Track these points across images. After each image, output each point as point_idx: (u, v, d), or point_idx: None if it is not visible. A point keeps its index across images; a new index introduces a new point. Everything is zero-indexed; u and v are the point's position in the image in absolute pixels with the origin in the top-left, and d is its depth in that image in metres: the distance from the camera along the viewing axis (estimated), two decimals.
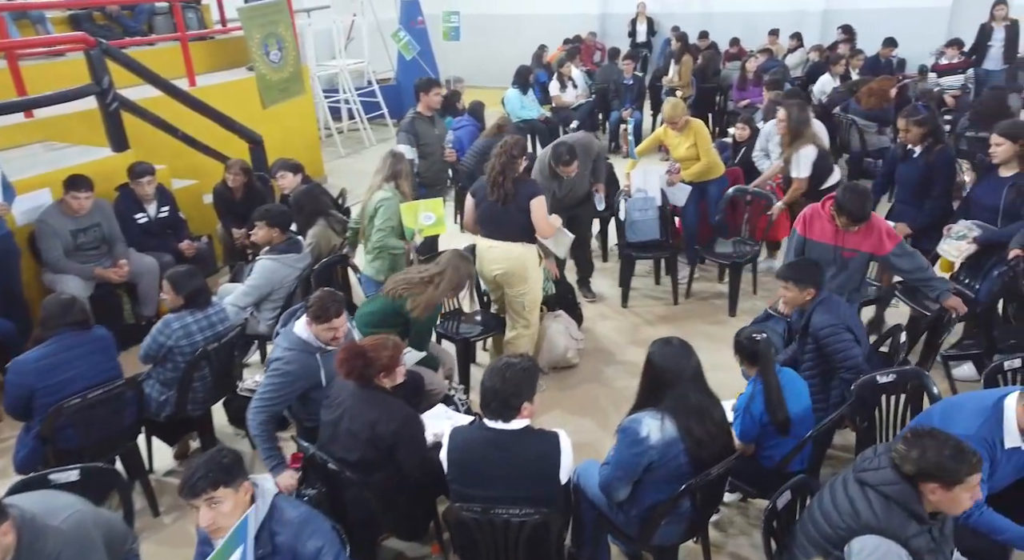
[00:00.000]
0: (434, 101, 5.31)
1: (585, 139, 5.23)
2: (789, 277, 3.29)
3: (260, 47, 7.59)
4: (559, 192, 5.05)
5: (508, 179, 3.99)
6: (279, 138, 8.03)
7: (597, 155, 5.30)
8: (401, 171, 4.19)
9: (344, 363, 2.67)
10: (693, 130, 5.40)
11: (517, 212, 4.02)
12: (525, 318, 4.22)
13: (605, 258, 6.24)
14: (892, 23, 10.79)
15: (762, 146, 5.73)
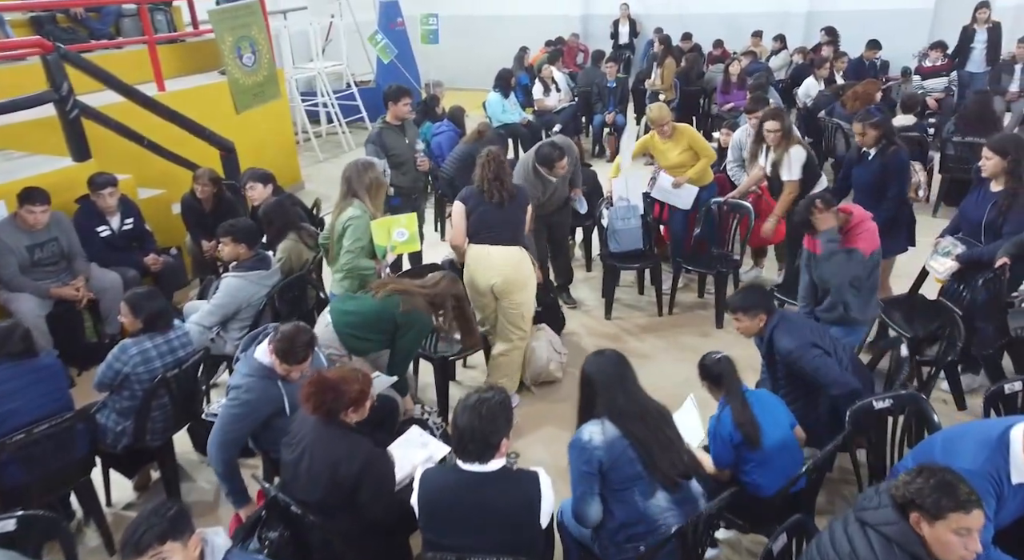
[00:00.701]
0: (402, 111, 5.11)
1: (564, 142, 5.09)
2: (736, 308, 3.21)
3: (232, 50, 7.37)
4: (542, 196, 4.94)
5: (507, 181, 4.00)
6: (254, 144, 7.81)
7: (575, 160, 5.15)
8: (365, 183, 3.95)
9: (310, 398, 2.49)
10: (683, 135, 5.25)
11: (519, 213, 4.05)
12: (522, 329, 4.10)
13: (589, 267, 6.08)
14: (875, 25, 10.74)
15: (736, 156, 5.56)
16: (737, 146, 5.52)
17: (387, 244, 3.92)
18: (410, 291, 3.41)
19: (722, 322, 5.05)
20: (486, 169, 4.02)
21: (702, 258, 5.28)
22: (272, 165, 8.17)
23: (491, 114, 8.75)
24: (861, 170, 4.56)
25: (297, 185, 8.60)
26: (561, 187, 5.01)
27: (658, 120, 5.22)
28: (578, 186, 5.18)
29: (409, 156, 5.20)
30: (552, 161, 4.62)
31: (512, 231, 4.01)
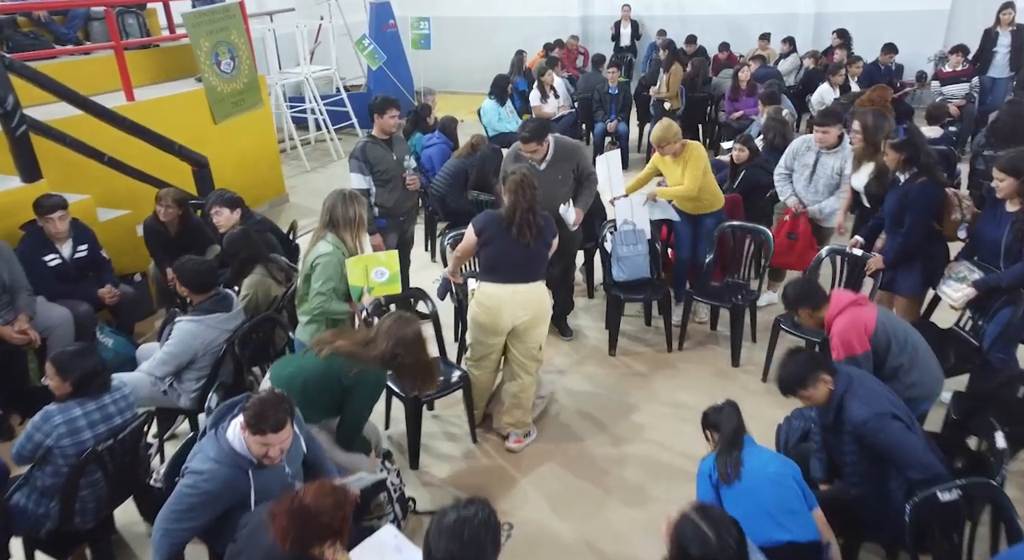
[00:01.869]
0: (389, 124, 4.65)
1: (572, 144, 4.61)
2: (793, 383, 2.71)
3: (209, 57, 6.89)
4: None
5: (536, 214, 3.60)
6: (234, 155, 7.35)
7: (587, 175, 4.65)
8: (349, 218, 3.47)
9: (280, 523, 2.01)
10: (689, 155, 4.77)
11: (544, 249, 3.71)
12: (538, 360, 3.85)
13: (590, 294, 5.61)
14: (888, 27, 10.30)
15: (787, 164, 4.97)
16: (791, 154, 4.96)
17: (364, 285, 3.45)
18: (354, 354, 2.91)
19: (738, 360, 4.58)
20: (519, 196, 3.54)
21: (715, 289, 4.80)
22: (254, 177, 7.77)
23: (487, 123, 8.28)
24: (889, 195, 4.08)
25: (281, 198, 8.13)
26: (559, 192, 4.52)
27: (662, 140, 4.74)
28: (583, 206, 4.65)
29: (397, 173, 4.72)
30: (522, 138, 4.30)
31: (537, 269, 3.70)
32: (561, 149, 4.50)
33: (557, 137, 4.55)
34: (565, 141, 4.59)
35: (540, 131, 4.34)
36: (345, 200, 3.49)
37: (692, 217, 4.90)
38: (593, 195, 4.77)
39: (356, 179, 4.62)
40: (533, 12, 12.68)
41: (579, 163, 4.56)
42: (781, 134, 5.69)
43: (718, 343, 4.88)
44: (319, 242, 3.45)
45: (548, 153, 4.44)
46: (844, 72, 7.91)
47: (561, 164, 4.50)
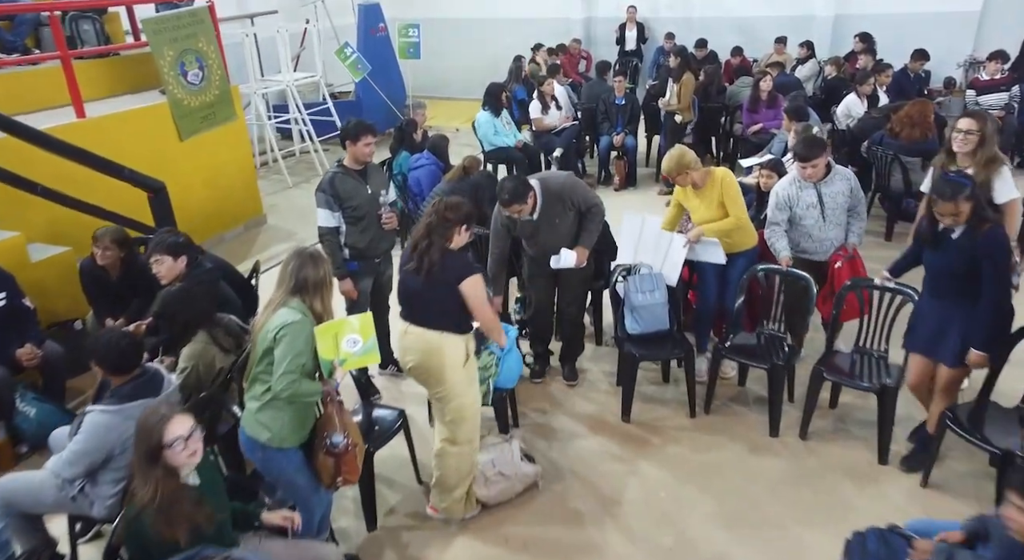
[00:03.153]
0: (363, 153, 3.97)
1: (558, 184, 3.96)
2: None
3: (174, 67, 6.22)
4: (528, 245, 4.16)
5: (435, 247, 3.05)
6: (205, 175, 6.68)
7: (588, 208, 4.02)
8: (318, 281, 2.81)
9: None
10: (715, 184, 4.09)
11: (443, 292, 3.07)
12: (450, 437, 3.22)
13: (599, 340, 4.93)
14: (912, 30, 9.63)
15: (781, 218, 4.19)
16: (783, 203, 4.18)
17: (335, 357, 2.77)
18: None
19: (778, 429, 3.89)
20: (424, 219, 3.18)
21: (748, 345, 4.10)
22: (228, 198, 7.09)
23: (482, 136, 7.60)
24: (942, 254, 3.27)
25: (258, 219, 7.45)
26: (559, 235, 4.00)
27: (671, 172, 4.07)
28: (587, 245, 4.05)
29: (371, 209, 4.04)
30: (502, 201, 3.80)
31: (430, 312, 3.11)
32: (548, 194, 3.95)
33: (542, 182, 3.96)
34: (550, 183, 3.98)
35: (519, 192, 3.79)
36: (309, 261, 2.82)
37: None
38: (598, 230, 4.11)
39: (323, 216, 3.94)
40: (533, 14, 11.99)
41: (572, 199, 3.97)
42: None
43: (749, 405, 4.19)
44: (282, 309, 2.77)
45: (537, 204, 3.91)
46: (872, 81, 7.22)
47: (554, 207, 3.96)
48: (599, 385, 4.46)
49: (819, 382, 3.76)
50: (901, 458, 3.61)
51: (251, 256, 6.72)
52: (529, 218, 3.93)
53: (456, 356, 3.13)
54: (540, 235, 4.04)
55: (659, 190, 7.75)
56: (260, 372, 2.77)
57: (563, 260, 3.99)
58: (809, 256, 4.20)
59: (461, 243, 3.20)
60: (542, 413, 4.23)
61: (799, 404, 3.99)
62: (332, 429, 2.70)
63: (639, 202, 7.54)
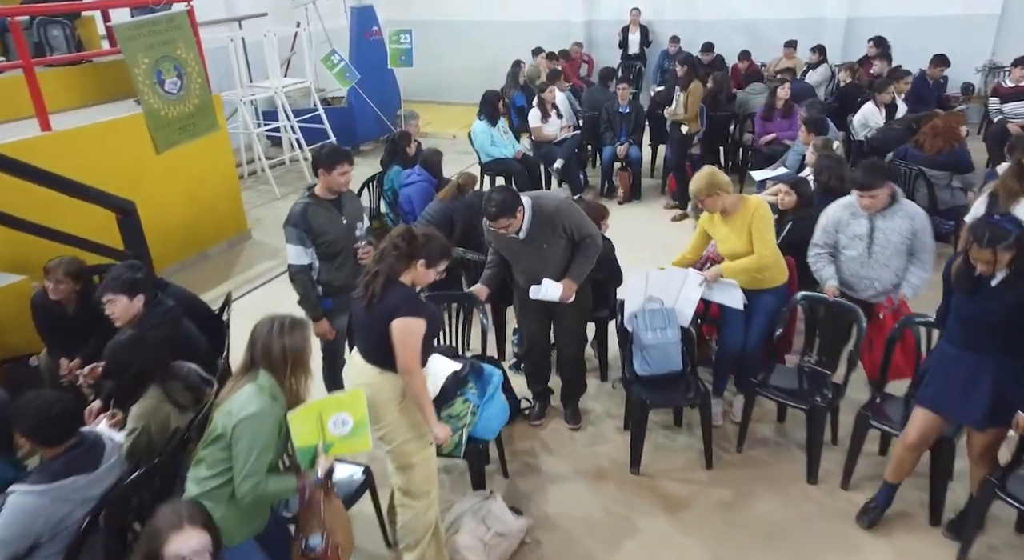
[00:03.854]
0: (338, 183, 3.57)
1: (552, 206, 3.55)
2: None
3: (150, 75, 5.84)
4: (514, 271, 3.78)
5: (380, 277, 2.71)
6: (184, 189, 6.30)
7: (582, 238, 3.58)
8: (294, 353, 2.43)
9: None
10: (746, 211, 3.68)
11: (380, 326, 2.69)
12: (400, 478, 2.89)
13: (604, 375, 4.54)
14: (928, 33, 9.25)
15: (827, 240, 3.79)
16: (831, 226, 3.79)
17: (318, 442, 2.39)
18: None
19: (816, 476, 3.51)
20: (380, 248, 2.79)
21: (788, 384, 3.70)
22: (210, 213, 6.69)
23: (478, 147, 7.21)
24: (978, 302, 2.87)
25: (242, 234, 7.06)
26: (548, 256, 3.59)
27: (700, 193, 3.66)
28: (577, 278, 3.62)
29: (347, 243, 3.66)
30: (487, 213, 3.41)
31: (368, 345, 2.81)
32: (540, 214, 3.53)
33: (534, 200, 3.56)
34: (544, 203, 3.56)
35: (507, 205, 3.39)
36: (279, 330, 2.44)
37: (748, 293, 3.80)
38: (591, 262, 3.67)
39: (294, 253, 3.56)
40: (533, 16, 11.59)
41: (564, 224, 3.54)
42: (838, 175, 4.59)
43: (775, 449, 3.80)
44: (248, 385, 2.39)
45: (524, 222, 3.50)
46: (891, 89, 6.83)
47: (543, 231, 3.54)
48: (604, 428, 4.07)
49: (864, 429, 3.38)
50: (948, 522, 3.21)
51: (233, 275, 6.35)
52: (515, 237, 3.53)
53: (389, 397, 2.76)
54: (524, 259, 3.63)
55: (665, 204, 7.36)
56: (207, 455, 2.39)
57: (544, 291, 3.56)
58: (844, 290, 3.80)
59: (424, 280, 2.83)
60: (539, 459, 3.84)
61: (843, 446, 3.59)
62: (309, 530, 2.32)
63: (644, 216, 7.16)
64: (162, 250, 6.09)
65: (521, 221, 3.48)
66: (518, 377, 4.39)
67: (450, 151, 10.15)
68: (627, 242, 4.57)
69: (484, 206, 3.43)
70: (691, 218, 7.12)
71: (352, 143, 9.91)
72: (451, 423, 3.13)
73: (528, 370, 4.16)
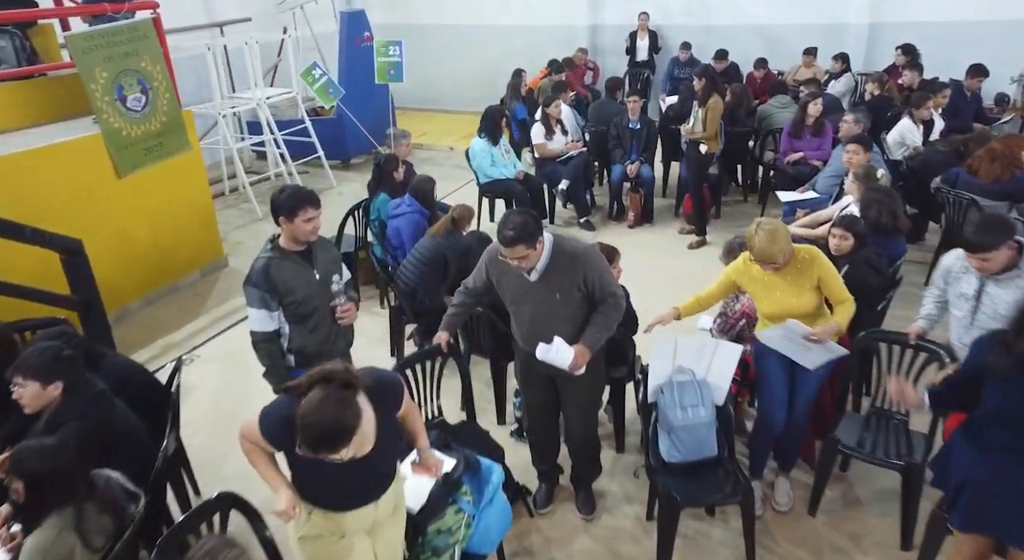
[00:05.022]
0: (303, 231, 2.95)
1: (576, 250, 2.93)
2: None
3: (109, 91, 5.24)
4: (514, 321, 3.12)
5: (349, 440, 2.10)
6: (150, 216, 5.72)
7: (604, 296, 2.96)
8: None
9: None
10: (811, 265, 3.09)
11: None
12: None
13: (619, 446, 3.92)
14: (958, 40, 8.63)
15: (940, 284, 3.25)
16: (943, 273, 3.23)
17: None
18: None
19: (911, 542, 2.95)
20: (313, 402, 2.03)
21: (865, 436, 3.11)
22: (180, 240, 5.99)
23: (476, 167, 6.60)
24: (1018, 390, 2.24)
25: (218, 262, 6.45)
26: (560, 309, 2.95)
27: (764, 255, 3.02)
28: (592, 344, 2.97)
29: (322, 301, 3.05)
30: (502, 238, 2.77)
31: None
32: (560, 256, 2.90)
33: (556, 238, 2.93)
34: (566, 244, 2.94)
35: (529, 230, 2.75)
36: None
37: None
38: (610, 329, 3.03)
39: (257, 318, 2.94)
40: (535, 20, 10.97)
41: (587, 276, 2.91)
42: (890, 211, 4.01)
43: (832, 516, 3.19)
44: None
45: (541, 260, 2.87)
46: (930, 104, 6.21)
47: (559, 277, 2.91)
48: (623, 517, 3.46)
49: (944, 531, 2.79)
50: None
51: (205, 311, 5.74)
52: (525, 275, 2.91)
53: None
54: (530, 307, 2.99)
55: (680, 228, 6.75)
56: None
57: (552, 353, 2.89)
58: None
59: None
60: (544, 556, 3.23)
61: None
62: None
63: (657, 243, 6.54)
64: (124, 284, 5.51)
65: (538, 255, 2.85)
66: (520, 446, 3.80)
67: (446, 164, 9.57)
68: (639, 273, 3.97)
69: (500, 229, 2.78)
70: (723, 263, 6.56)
71: (343, 156, 9.31)
72: (440, 539, 2.54)
73: (531, 441, 3.54)
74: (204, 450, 3.88)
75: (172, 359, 4.95)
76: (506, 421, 4.11)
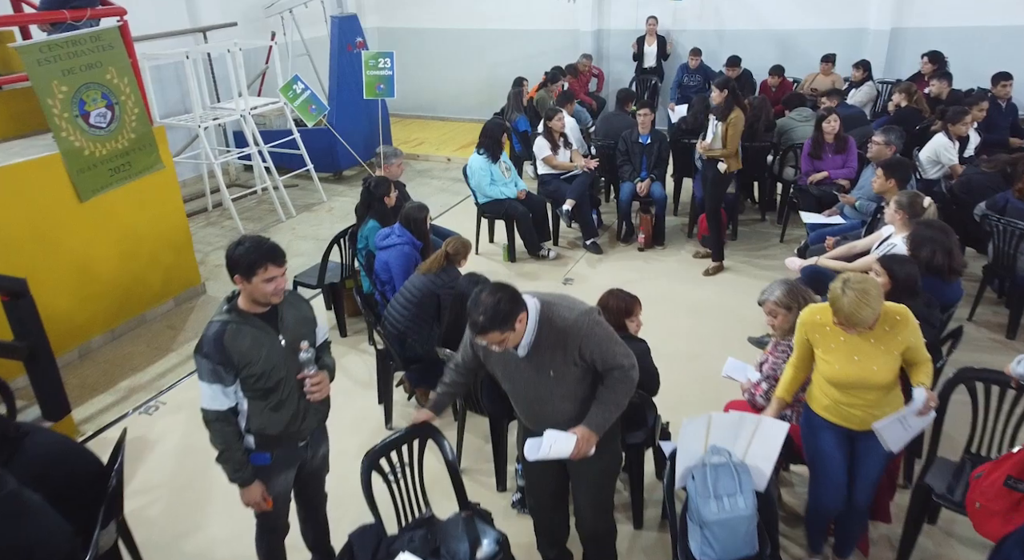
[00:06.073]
0: (263, 292, 2.44)
1: (567, 321, 2.41)
2: None
3: (70, 106, 4.75)
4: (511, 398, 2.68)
5: None
6: (118, 242, 5.26)
7: (607, 369, 2.48)
8: None
9: None
10: (900, 326, 2.64)
11: None
12: None
13: (639, 521, 3.41)
14: (983, 46, 8.17)
15: None
16: None
17: None
18: None
19: None
20: None
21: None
22: (152, 267, 5.36)
23: (475, 186, 6.12)
24: None
25: (194, 290, 5.95)
26: (555, 388, 2.49)
27: (857, 321, 2.52)
28: (597, 429, 2.49)
29: (288, 373, 2.54)
30: (475, 324, 2.32)
31: None
32: (548, 327, 2.41)
33: (543, 306, 2.44)
34: (555, 313, 2.43)
35: (502, 313, 2.29)
36: None
37: (856, 433, 2.73)
38: (621, 405, 2.54)
39: (209, 394, 2.45)
40: (537, 25, 10.48)
41: (582, 350, 2.42)
42: (945, 249, 3.51)
43: None
44: None
45: (526, 336, 2.40)
46: (968, 119, 5.71)
47: (551, 354, 2.43)
48: None
49: None
50: None
51: (177, 345, 5.24)
52: (512, 352, 2.44)
53: None
54: (522, 386, 2.54)
55: (695, 252, 6.25)
56: None
57: (546, 450, 2.46)
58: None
59: None
60: None
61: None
62: None
63: (669, 268, 6.04)
64: (87, 319, 5.03)
65: (522, 333, 2.38)
66: (523, 518, 3.31)
67: (443, 177, 9.07)
68: (651, 303, 3.47)
69: (469, 312, 2.33)
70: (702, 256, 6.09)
71: (335, 169, 8.82)
72: None
73: (536, 526, 3.04)
74: (161, 526, 3.40)
75: (137, 406, 4.50)
76: (507, 487, 3.62)
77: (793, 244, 6.24)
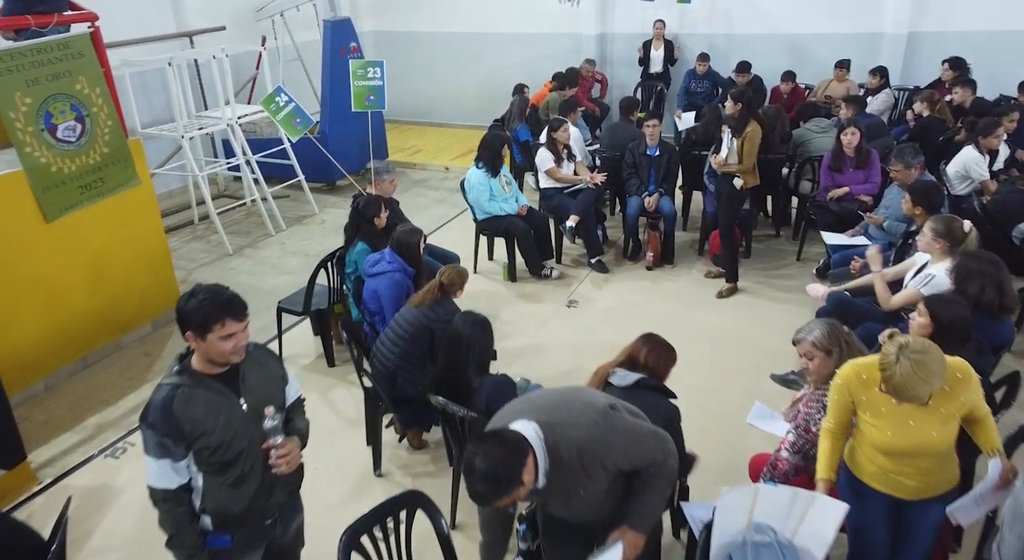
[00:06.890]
0: (219, 351, 2.08)
1: (596, 435, 2.10)
2: None
3: (35, 119, 4.40)
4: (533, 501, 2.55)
5: None
6: (90, 264, 4.94)
7: (635, 469, 2.20)
8: None
9: None
10: (959, 387, 2.30)
11: None
12: None
13: None
14: (1007, 51, 7.82)
15: None
16: None
17: None
18: None
19: None
20: None
21: None
22: (127, 290, 4.93)
23: (473, 201, 5.76)
24: None
25: (173, 311, 5.56)
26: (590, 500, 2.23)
27: (911, 395, 2.16)
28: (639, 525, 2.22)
29: (250, 444, 2.17)
30: (474, 493, 2.01)
31: None
32: (557, 457, 2.08)
33: (547, 434, 2.09)
34: (562, 436, 2.09)
35: (502, 477, 1.96)
36: None
37: (905, 502, 2.37)
38: (665, 494, 2.28)
39: (157, 470, 2.09)
40: (538, 28, 10.11)
41: (605, 463, 2.12)
42: (995, 284, 3.15)
43: None
44: None
45: (540, 471, 2.07)
46: (1000, 131, 5.36)
47: (575, 477, 2.13)
48: None
49: None
50: None
51: (153, 375, 4.90)
52: (533, 488, 2.10)
53: None
54: (552, 506, 2.32)
55: (707, 271, 5.88)
56: None
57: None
58: None
59: None
60: None
61: None
62: None
63: (680, 289, 5.68)
64: (54, 347, 4.67)
65: (534, 474, 2.05)
66: None
67: (441, 187, 8.70)
68: (661, 328, 3.11)
69: (467, 481, 1.99)
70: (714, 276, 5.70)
71: (328, 179, 8.45)
72: None
73: None
74: None
75: (103, 447, 4.13)
76: (507, 548, 3.25)
77: (811, 263, 5.88)
